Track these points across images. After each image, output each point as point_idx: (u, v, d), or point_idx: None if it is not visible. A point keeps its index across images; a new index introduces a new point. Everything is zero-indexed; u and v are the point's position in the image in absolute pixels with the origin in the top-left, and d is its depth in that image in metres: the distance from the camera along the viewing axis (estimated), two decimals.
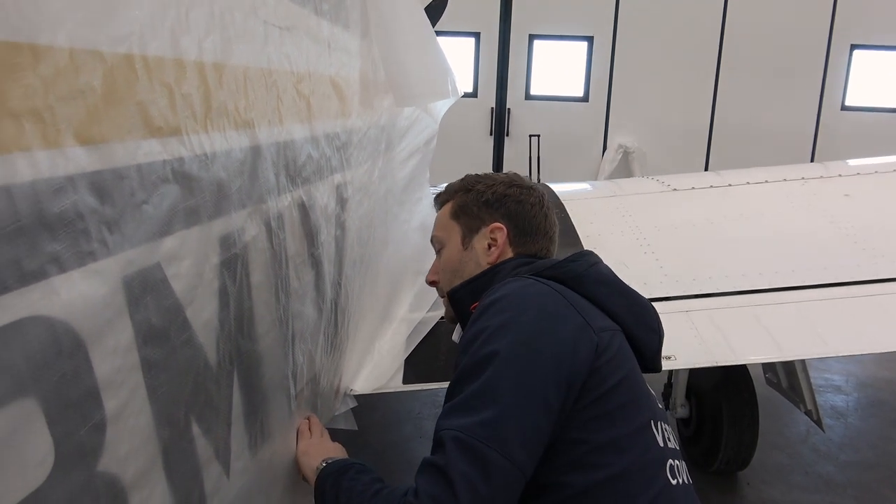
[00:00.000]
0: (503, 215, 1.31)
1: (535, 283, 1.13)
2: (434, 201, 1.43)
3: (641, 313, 1.22)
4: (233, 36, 0.92)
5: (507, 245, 1.30)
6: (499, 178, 1.36)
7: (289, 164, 1.14)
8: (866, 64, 8.66)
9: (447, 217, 1.36)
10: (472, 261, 1.30)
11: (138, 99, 0.72)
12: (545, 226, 1.34)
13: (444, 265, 1.35)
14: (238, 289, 0.97)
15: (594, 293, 1.16)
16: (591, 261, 1.23)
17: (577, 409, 1.04)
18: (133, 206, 0.71)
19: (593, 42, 8.72)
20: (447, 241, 1.35)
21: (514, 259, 1.28)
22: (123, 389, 0.71)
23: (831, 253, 2.17)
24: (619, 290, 1.21)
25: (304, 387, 1.34)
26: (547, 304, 1.09)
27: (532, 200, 1.33)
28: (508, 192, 1.32)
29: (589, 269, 1.20)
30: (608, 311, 1.16)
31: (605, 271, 1.23)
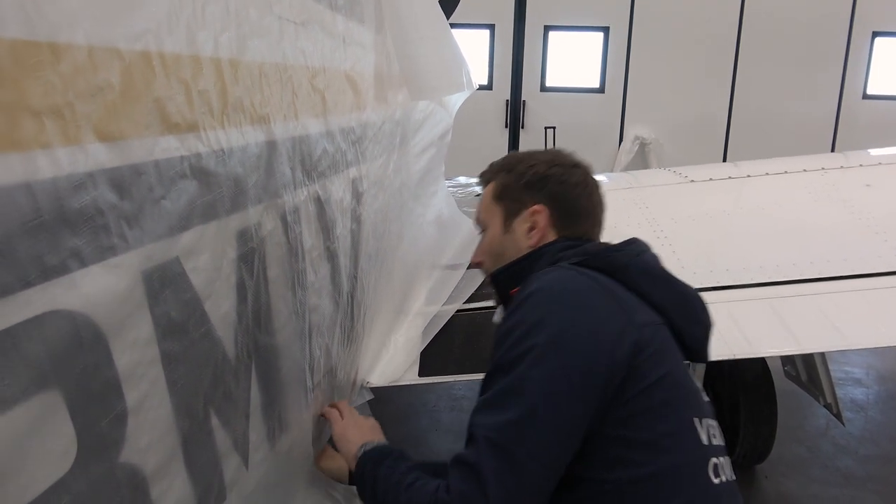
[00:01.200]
0: (544, 197, 1.25)
1: (575, 276, 1.10)
2: (479, 179, 1.38)
3: (688, 305, 1.18)
4: (248, 32, 0.93)
5: (548, 228, 1.24)
6: (541, 157, 1.29)
7: (304, 159, 1.15)
8: (888, 51, 8.50)
9: (490, 199, 1.31)
10: (513, 244, 1.26)
11: (156, 95, 0.72)
12: (589, 206, 1.27)
13: (487, 248, 1.31)
14: (255, 282, 0.98)
15: (639, 284, 1.12)
16: (637, 249, 1.19)
17: (615, 406, 1.02)
18: (152, 201, 0.72)
19: (609, 32, 8.64)
20: (490, 224, 1.30)
21: (558, 242, 1.23)
22: (144, 382, 0.73)
23: (851, 244, 2.14)
24: (666, 281, 1.18)
25: (321, 379, 1.35)
26: (585, 298, 1.07)
27: (575, 180, 1.26)
28: (550, 173, 1.25)
29: (635, 258, 1.16)
30: (653, 304, 1.12)
31: (651, 261, 1.19)
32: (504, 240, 1.27)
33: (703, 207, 2.54)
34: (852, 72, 8.51)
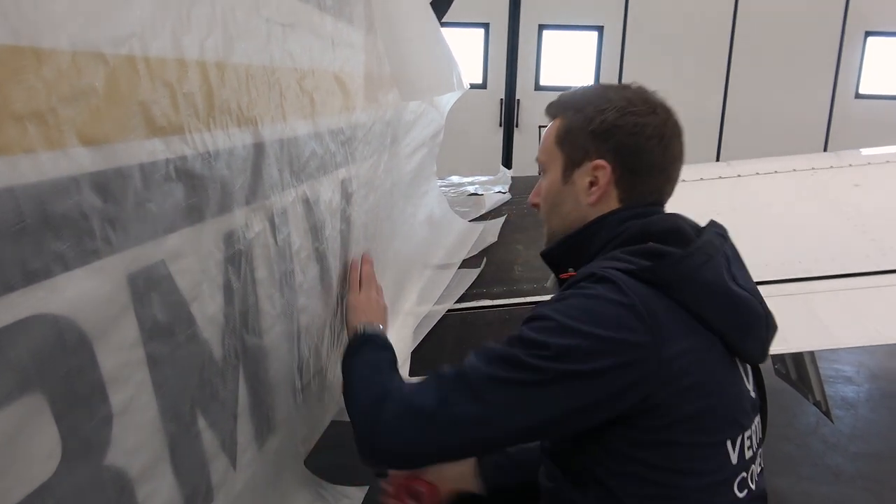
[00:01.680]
0: (610, 150, 1.12)
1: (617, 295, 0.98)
2: (546, 110, 1.24)
3: (748, 324, 1.08)
4: (235, 34, 0.93)
5: (610, 186, 1.13)
6: (614, 100, 1.14)
7: (292, 160, 1.15)
8: (881, 51, 8.55)
9: (552, 141, 1.19)
10: (572, 197, 1.16)
11: (140, 99, 0.73)
12: (662, 162, 1.14)
13: (545, 193, 1.22)
14: (243, 284, 0.98)
15: (691, 302, 1.01)
16: (702, 258, 1.04)
17: (632, 432, 1.00)
18: (137, 204, 0.72)
19: (603, 32, 8.66)
20: (549, 168, 1.20)
21: (618, 213, 1.13)
22: (129, 384, 0.73)
23: (840, 244, 2.16)
24: (725, 295, 1.05)
25: (311, 380, 1.35)
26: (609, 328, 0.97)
27: (650, 132, 1.12)
28: (620, 123, 1.12)
29: (695, 271, 1.03)
30: (705, 321, 1.03)
31: (711, 275, 1.04)
32: (563, 190, 1.17)
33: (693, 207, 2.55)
34: (845, 71, 8.55)
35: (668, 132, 1.13)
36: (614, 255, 1.07)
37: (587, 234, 1.14)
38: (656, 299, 0.99)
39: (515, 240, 2.52)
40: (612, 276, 1.01)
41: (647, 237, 1.07)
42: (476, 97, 8.32)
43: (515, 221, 2.69)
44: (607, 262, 1.06)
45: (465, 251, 2.41)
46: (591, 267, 1.06)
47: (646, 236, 1.08)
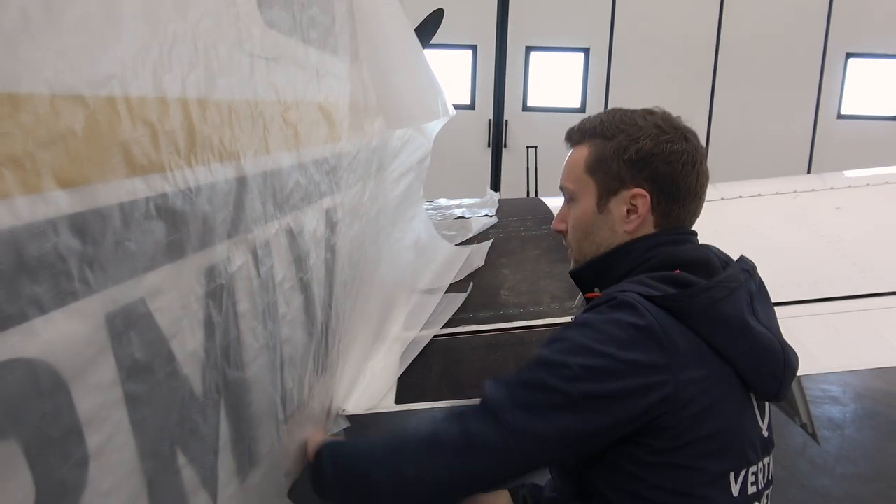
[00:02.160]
0: (647, 178, 1.13)
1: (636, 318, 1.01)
2: (567, 136, 1.24)
3: (763, 360, 1.07)
4: (217, 70, 0.94)
5: (648, 212, 1.14)
6: (645, 128, 1.14)
7: (276, 192, 1.16)
8: (862, 72, 8.71)
9: (581, 169, 1.18)
10: (608, 226, 1.16)
11: (121, 139, 0.73)
12: (696, 187, 1.15)
13: (574, 221, 1.21)
14: (224, 318, 0.98)
15: (708, 334, 1.03)
16: (722, 291, 1.05)
17: (639, 451, 1.02)
18: (116, 244, 0.72)
19: (589, 53, 8.77)
20: (579, 197, 1.19)
21: (651, 238, 1.14)
22: (106, 425, 0.72)
23: (821, 268, 2.19)
24: (741, 330, 1.05)
25: (295, 411, 1.34)
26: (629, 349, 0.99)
27: (684, 159, 1.13)
28: (657, 151, 1.12)
29: (714, 303, 1.03)
30: (720, 353, 1.04)
31: (730, 310, 1.05)
32: (597, 219, 1.17)
33: None
34: (827, 92, 8.71)
35: (699, 156, 1.15)
36: (640, 279, 1.08)
37: (617, 257, 1.15)
38: (674, 326, 1.01)
39: (502, 264, 2.53)
40: (632, 299, 1.02)
41: (676, 265, 1.09)
42: (464, 118, 8.39)
43: (502, 245, 2.70)
44: (631, 285, 1.07)
45: (452, 276, 2.41)
46: (614, 289, 1.08)
47: (674, 264, 1.10)
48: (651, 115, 1.16)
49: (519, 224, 2.89)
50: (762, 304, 1.12)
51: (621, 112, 1.18)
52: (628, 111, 1.18)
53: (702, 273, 1.08)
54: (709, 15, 8.55)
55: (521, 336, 2.08)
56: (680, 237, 1.15)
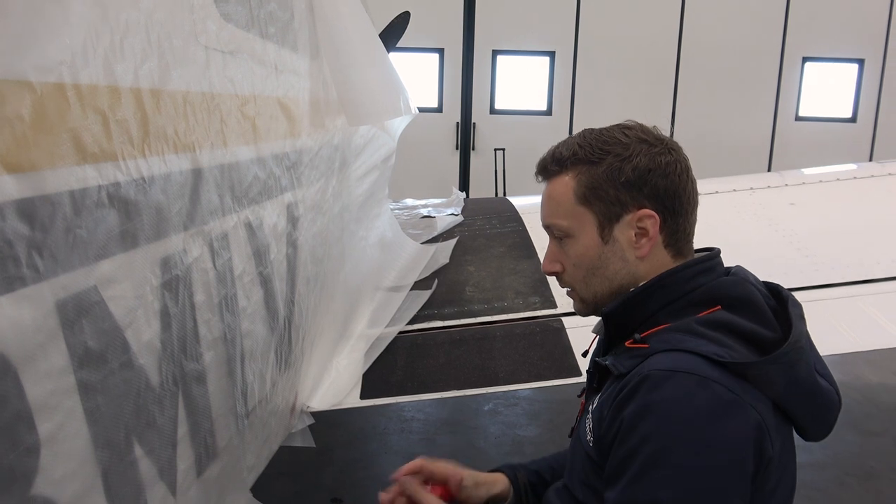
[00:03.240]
0: (649, 196, 1.04)
1: (717, 393, 0.90)
2: (539, 169, 1.12)
3: (825, 414, 1.02)
4: (171, 62, 0.94)
5: (658, 233, 1.05)
6: (632, 144, 1.04)
7: (234, 185, 1.16)
8: (818, 75, 8.97)
9: (571, 201, 1.06)
10: (617, 256, 1.06)
11: (70, 126, 0.73)
12: (693, 195, 1.07)
13: (577, 259, 1.09)
14: (181, 310, 0.98)
15: (782, 399, 0.96)
16: (798, 354, 0.96)
17: None
18: (66, 231, 0.72)
19: (555, 57, 8.87)
20: (577, 232, 1.07)
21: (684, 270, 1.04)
22: (58, 412, 0.72)
23: (775, 260, 2.25)
24: (812, 393, 0.99)
25: (256, 405, 1.34)
26: (724, 428, 0.90)
27: (679, 169, 1.05)
28: (653, 166, 1.03)
29: (792, 370, 0.95)
30: (788, 413, 0.98)
31: (804, 373, 0.97)
32: (604, 252, 1.06)
33: None
34: (785, 95, 8.94)
35: (688, 165, 1.08)
36: (690, 327, 0.98)
37: (649, 293, 1.04)
38: (757, 399, 0.93)
39: (467, 261, 2.55)
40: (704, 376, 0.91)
41: (717, 300, 1.00)
42: (432, 121, 8.41)
43: (467, 243, 2.72)
44: (683, 337, 0.96)
45: (417, 273, 2.43)
46: (662, 339, 0.98)
47: (716, 299, 1.00)
48: (630, 130, 1.07)
49: (484, 222, 2.92)
50: (815, 353, 1.05)
51: (597, 132, 1.08)
52: (603, 130, 1.08)
53: (747, 313, 0.99)
54: (670, 20, 8.72)
55: (486, 331, 2.10)
56: (711, 263, 1.06)
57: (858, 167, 3.17)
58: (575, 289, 1.12)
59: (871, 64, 8.81)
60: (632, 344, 1.01)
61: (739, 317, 0.99)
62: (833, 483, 2.89)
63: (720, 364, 0.92)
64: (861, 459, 3.09)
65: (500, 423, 3.37)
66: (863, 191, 2.83)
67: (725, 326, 0.97)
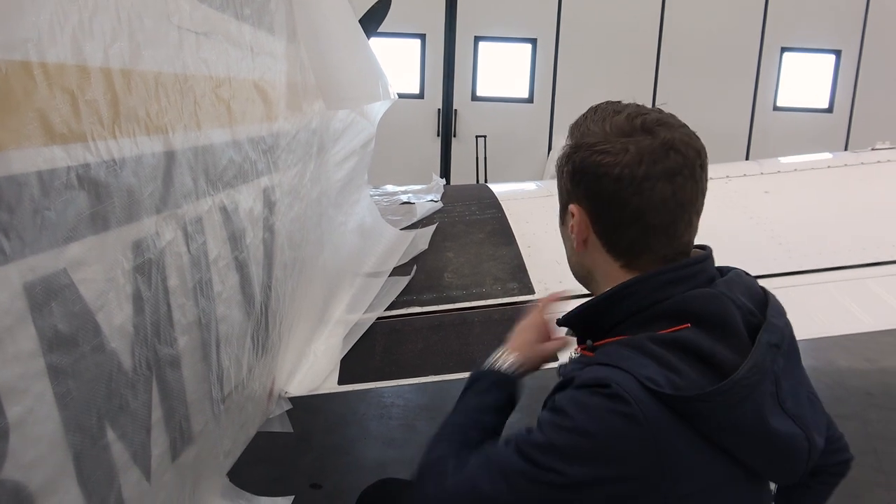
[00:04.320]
0: (585, 195, 0.97)
1: (630, 419, 0.84)
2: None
3: (785, 459, 0.93)
4: (142, 41, 0.93)
5: (590, 233, 0.98)
6: (588, 134, 0.96)
7: (208, 169, 1.15)
8: (796, 66, 9.06)
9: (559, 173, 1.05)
10: (569, 240, 1.04)
11: (37, 106, 0.72)
12: (638, 209, 0.93)
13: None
14: (154, 293, 0.97)
15: (720, 440, 0.88)
16: (741, 394, 0.87)
17: None
18: (34, 212, 0.71)
19: (537, 44, 8.86)
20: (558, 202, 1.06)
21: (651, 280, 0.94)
22: (27, 396, 0.72)
23: (749, 248, 2.28)
24: (763, 438, 0.90)
25: (233, 390, 1.34)
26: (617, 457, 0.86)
27: (626, 173, 0.92)
28: (591, 160, 0.94)
29: (731, 411, 0.87)
30: (731, 453, 0.89)
31: (749, 417, 0.88)
32: (562, 230, 1.06)
33: None
34: (763, 85, 9.01)
35: (643, 172, 0.91)
36: (640, 344, 0.90)
37: (611, 302, 0.97)
38: (677, 433, 0.86)
39: (446, 247, 2.56)
40: (627, 394, 0.85)
41: (686, 317, 0.91)
42: (413, 107, 8.37)
43: (446, 229, 2.72)
44: (632, 355, 0.90)
45: (396, 259, 2.43)
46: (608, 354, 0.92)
47: (684, 315, 0.91)
48: (614, 116, 0.96)
49: (463, 209, 2.92)
50: (790, 380, 0.94)
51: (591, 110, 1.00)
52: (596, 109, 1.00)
53: (715, 333, 0.90)
54: (652, 9, 8.74)
55: (464, 317, 2.11)
56: (691, 270, 0.95)
57: (833, 156, 3.22)
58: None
59: (848, 55, 8.92)
60: (581, 349, 0.99)
61: (706, 337, 0.89)
62: None
63: (650, 391, 0.85)
64: None
65: None
66: (837, 180, 2.88)
67: (684, 347, 0.89)
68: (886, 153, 2.97)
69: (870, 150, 3.05)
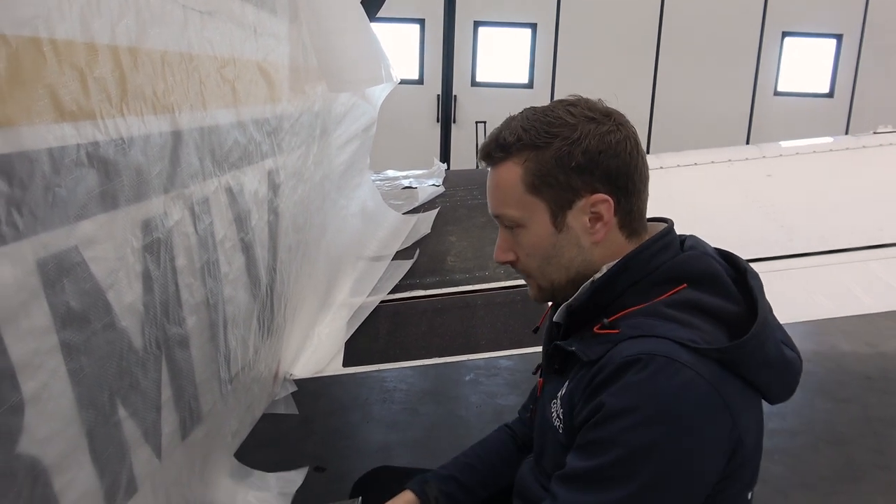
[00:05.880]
0: (602, 179, 0.99)
1: (693, 381, 0.89)
2: (483, 155, 1.06)
3: (790, 381, 1.02)
4: (149, 20, 0.92)
5: (611, 216, 1.01)
6: (580, 125, 0.99)
7: (214, 149, 1.15)
8: (796, 51, 9.02)
9: (520, 190, 1.01)
10: (571, 243, 1.02)
11: (47, 82, 0.72)
12: (645, 171, 1.03)
13: (530, 249, 1.04)
14: (163, 273, 0.98)
15: (755, 377, 0.96)
16: (767, 334, 0.95)
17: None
18: (45, 189, 0.71)
19: (537, 29, 8.81)
20: (528, 222, 1.02)
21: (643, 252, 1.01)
22: (42, 371, 0.72)
23: (753, 230, 2.29)
24: (782, 365, 0.99)
25: (240, 371, 1.35)
26: (700, 419, 0.90)
27: (629, 148, 1.00)
28: (603, 147, 0.98)
29: (762, 349, 0.95)
30: (759, 387, 0.98)
31: (773, 351, 0.97)
32: (558, 240, 1.02)
33: None
34: (764, 70, 8.98)
35: (637, 139, 1.02)
36: (658, 310, 0.96)
37: (611, 279, 1.01)
38: (728, 381, 0.92)
39: (448, 231, 2.56)
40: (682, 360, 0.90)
41: (682, 278, 0.99)
42: (413, 93, 8.34)
43: (448, 213, 2.73)
44: (653, 321, 0.95)
45: (399, 243, 2.43)
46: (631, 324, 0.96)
47: (680, 277, 0.99)
48: (575, 108, 1.01)
49: (465, 193, 2.92)
50: (777, 322, 1.03)
51: (540, 112, 1.02)
52: (548, 110, 1.02)
53: (712, 289, 0.98)
54: None
55: (467, 300, 2.12)
56: (669, 238, 1.03)
57: (834, 140, 3.22)
58: (531, 276, 1.08)
59: (849, 39, 8.88)
60: (600, 329, 0.98)
61: (704, 293, 0.97)
62: (806, 449, 2.98)
63: (693, 349, 0.91)
64: (832, 426, 3.17)
65: (481, 392, 3.41)
66: (839, 163, 2.88)
67: (693, 306, 0.96)
68: (888, 136, 2.97)
69: (871, 134, 3.05)
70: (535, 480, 1.12)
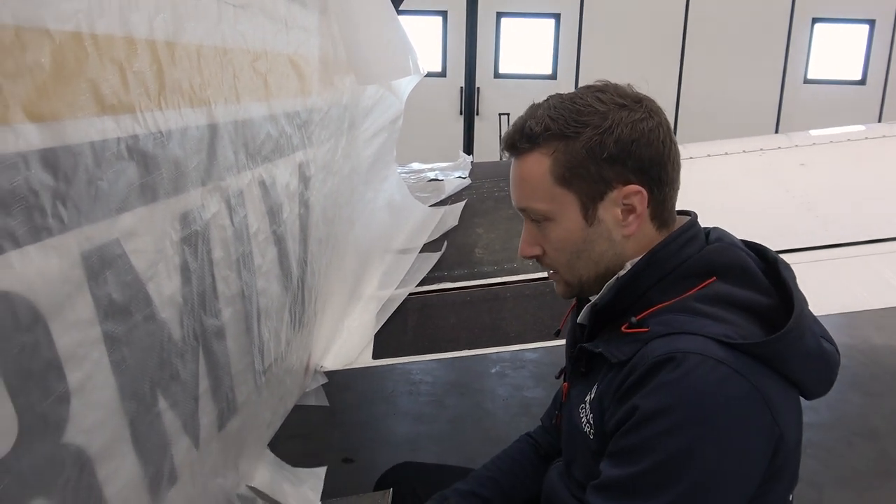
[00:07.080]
0: (635, 169, 0.95)
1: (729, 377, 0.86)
2: (507, 146, 1.01)
3: (828, 375, 0.98)
4: (185, 14, 0.93)
5: (644, 207, 0.97)
6: (611, 113, 0.95)
7: (248, 142, 1.15)
8: (827, 37, 8.82)
9: (549, 182, 0.96)
10: (603, 237, 0.98)
11: (89, 76, 0.72)
12: (678, 159, 0.99)
13: (559, 243, 1.00)
14: (200, 265, 0.99)
15: (793, 372, 0.92)
16: (804, 326, 0.92)
17: None
18: (88, 182, 0.72)
19: (560, 19, 8.73)
20: (557, 216, 0.98)
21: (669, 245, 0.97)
22: (86, 362, 0.73)
23: (787, 221, 2.24)
24: (820, 359, 0.95)
25: (272, 363, 1.36)
26: (741, 419, 0.87)
27: (661, 135, 0.96)
28: (636, 136, 0.94)
29: (801, 343, 0.91)
30: (797, 383, 0.94)
31: (812, 343, 0.93)
32: (589, 234, 0.98)
33: None
34: (793, 57, 8.81)
35: (669, 126, 0.98)
36: (688, 306, 0.93)
37: (640, 273, 0.97)
38: (765, 376, 0.89)
39: (475, 223, 2.55)
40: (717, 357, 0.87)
41: (710, 271, 0.96)
42: (435, 85, 8.32)
43: (475, 205, 2.72)
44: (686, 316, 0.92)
45: (426, 236, 2.43)
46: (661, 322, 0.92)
47: (708, 270, 0.96)
48: (604, 94, 0.96)
49: (492, 185, 2.91)
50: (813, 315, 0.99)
51: (568, 100, 0.97)
52: (575, 97, 0.97)
53: (742, 281, 0.95)
54: None
55: (496, 292, 2.11)
56: (695, 230, 0.99)
57: (868, 128, 3.14)
58: (558, 271, 1.04)
59: (882, 25, 8.66)
60: (628, 328, 0.94)
61: (734, 286, 0.94)
62: (840, 442, 2.93)
63: (728, 345, 0.87)
64: (866, 420, 3.12)
65: (508, 384, 3.41)
66: (874, 151, 2.81)
67: (724, 300, 0.93)
68: None
69: None
70: (564, 488, 1.09)
